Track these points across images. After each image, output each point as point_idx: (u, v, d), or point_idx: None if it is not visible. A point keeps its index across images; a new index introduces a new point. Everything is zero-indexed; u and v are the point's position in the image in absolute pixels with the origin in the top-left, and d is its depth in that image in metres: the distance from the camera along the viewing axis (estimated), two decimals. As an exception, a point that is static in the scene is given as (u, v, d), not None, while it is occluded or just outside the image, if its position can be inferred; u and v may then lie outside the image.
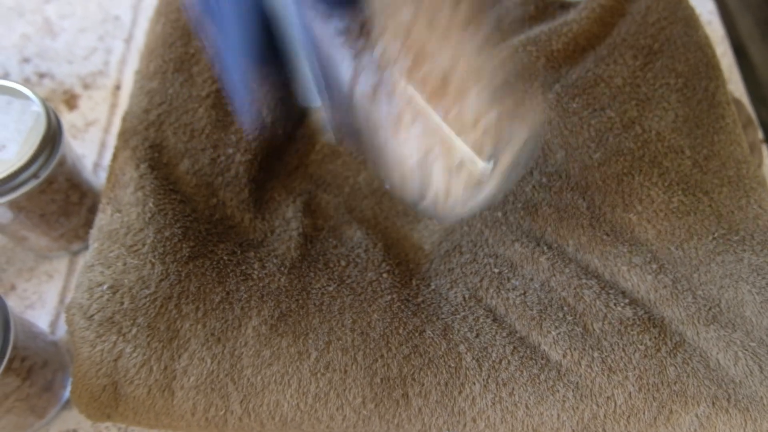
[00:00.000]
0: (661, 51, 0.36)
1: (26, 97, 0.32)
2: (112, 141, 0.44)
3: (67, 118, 0.45)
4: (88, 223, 0.38)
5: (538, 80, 0.35)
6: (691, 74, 0.35)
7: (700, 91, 0.34)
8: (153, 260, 0.29)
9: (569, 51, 0.36)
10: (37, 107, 0.31)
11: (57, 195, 0.34)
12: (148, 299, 0.28)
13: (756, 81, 0.55)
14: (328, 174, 0.37)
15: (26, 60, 0.47)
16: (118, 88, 0.46)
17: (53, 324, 0.37)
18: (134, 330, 0.27)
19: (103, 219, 0.31)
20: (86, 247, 0.39)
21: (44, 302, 0.37)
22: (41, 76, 0.46)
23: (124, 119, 0.35)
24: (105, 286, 0.28)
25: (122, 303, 0.28)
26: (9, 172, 0.30)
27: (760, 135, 0.42)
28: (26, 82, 0.46)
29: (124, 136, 0.34)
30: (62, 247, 0.38)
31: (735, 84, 0.46)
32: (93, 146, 0.43)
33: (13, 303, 0.38)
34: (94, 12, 0.50)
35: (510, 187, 0.27)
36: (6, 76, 0.46)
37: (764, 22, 0.58)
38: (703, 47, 0.36)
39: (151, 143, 0.33)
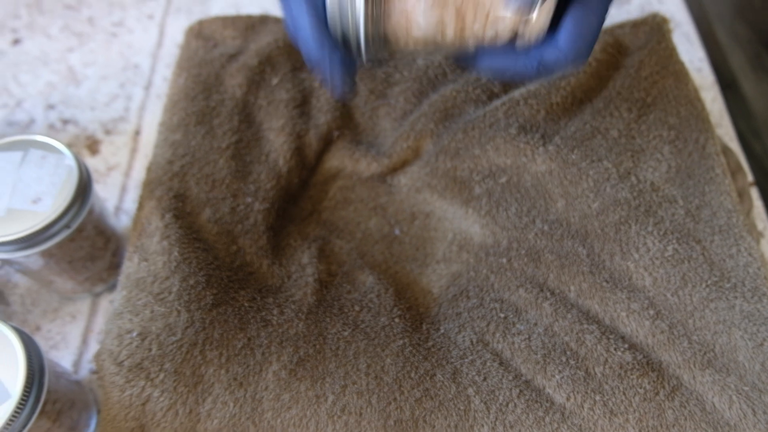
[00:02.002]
0: (654, 104, 0.38)
1: (60, 152, 0.34)
2: (132, 184, 0.46)
3: (90, 163, 0.47)
4: (112, 267, 0.39)
5: (539, 132, 0.38)
6: (682, 127, 0.37)
7: (691, 143, 0.37)
8: (179, 308, 0.30)
9: (567, 104, 0.39)
10: (70, 161, 0.34)
11: (85, 242, 0.36)
12: (174, 346, 0.29)
13: (748, 114, 0.58)
14: (340, 220, 0.39)
15: (51, 107, 0.49)
16: (138, 133, 0.48)
17: (76, 364, 0.38)
18: (162, 375, 0.29)
19: (130, 267, 0.33)
20: (108, 289, 0.41)
21: (68, 342, 0.39)
22: (65, 122, 0.49)
23: (149, 170, 0.37)
24: (134, 333, 0.30)
25: (150, 349, 0.29)
26: (44, 224, 0.31)
27: (750, 178, 0.44)
28: (51, 128, 0.48)
29: (149, 186, 0.36)
30: (86, 289, 0.39)
31: (725, 128, 0.48)
32: (114, 190, 0.46)
33: (38, 344, 0.39)
34: (116, 60, 0.52)
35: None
36: (32, 123, 0.48)
37: (755, 57, 0.61)
38: (693, 101, 0.38)
39: (175, 193, 0.35)
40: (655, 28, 0.41)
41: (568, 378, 0.30)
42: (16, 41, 0.53)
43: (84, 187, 0.34)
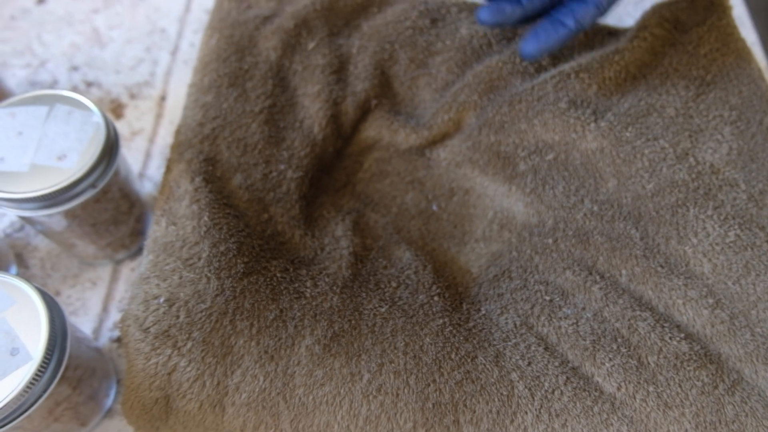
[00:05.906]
0: (713, 82, 0.36)
1: (87, 108, 0.32)
2: (156, 150, 0.44)
3: (114, 127, 0.45)
4: (135, 233, 0.38)
5: (591, 107, 0.35)
6: (745, 107, 0.35)
7: (755, 124, 0.34)
8: (209, 275, 0.29)
9: (621, 79, 0.36)
10: (98, 118, 0.32)
11: (110, 204, 0.34)
12: (203, 314, 0.28)
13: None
14: (375, 193, 0.37)
15: (75, 68, 0.48)
16: (163, 98, 0.47)
17: (96, 331, 0.37)
18: (189, 344, 0.27)
19: (157, 231, 0.31)
20: (130, 257, 0.39)
21: (87, 309, 0.38)
22: (89, 84, 0.47)
23: (178, 132, 0.35)
24: (161, 299, 0.28)
25: (178, 317, 0.28)
26: (70, 181, 0.30)
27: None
28: (74, 89, 0.47)
29: (178, 148, 0.34)
30: (107, 255, 0.38)
31: (780, 116, 0.45)
32: (138, 155, 0.44)
33: (61, 306, 0.38)
34: (142, 24, 0.51)
35: None
36: (55, 84, 0.47)
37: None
38: (757, 80, 0.36)
39: (205, 157, 0.34)
40: (715, 3, 0.39)
41: (619, 366, 0.28)
42: (41, 0, 0.52)
43: (111, 146, 0.32)
